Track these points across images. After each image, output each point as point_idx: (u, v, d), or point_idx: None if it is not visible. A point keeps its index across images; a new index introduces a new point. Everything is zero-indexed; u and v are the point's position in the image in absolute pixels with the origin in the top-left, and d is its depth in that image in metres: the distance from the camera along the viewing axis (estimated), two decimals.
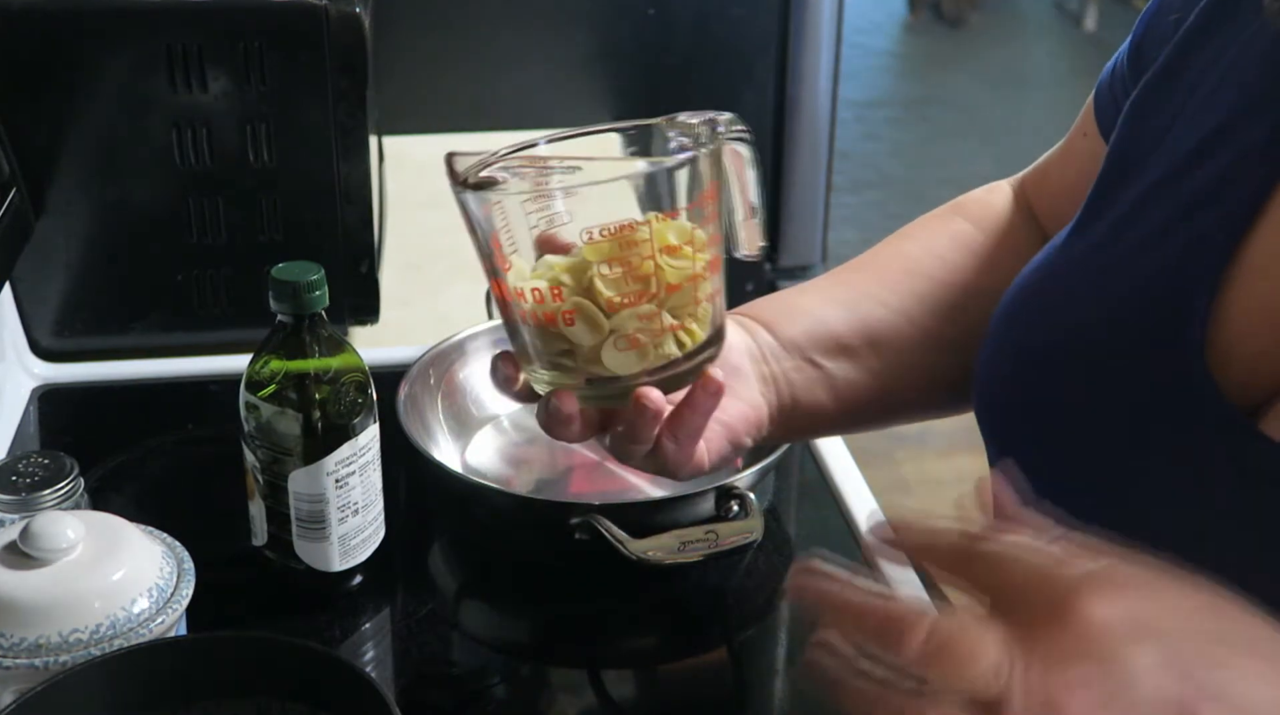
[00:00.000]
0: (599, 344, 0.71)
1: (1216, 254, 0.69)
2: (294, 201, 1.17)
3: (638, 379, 0.71)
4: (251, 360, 0.90)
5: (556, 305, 0.70)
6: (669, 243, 0.70)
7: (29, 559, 0.77)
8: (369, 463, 0.92)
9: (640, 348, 0.71)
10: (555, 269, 0.71)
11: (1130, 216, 0.75)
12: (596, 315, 0.70)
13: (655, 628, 0.99)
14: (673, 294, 0.70)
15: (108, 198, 1.16)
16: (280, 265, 0.89)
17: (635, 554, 0.90)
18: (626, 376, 0.71)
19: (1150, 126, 0.76)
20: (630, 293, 0.70)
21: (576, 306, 0.70)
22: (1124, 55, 0.85)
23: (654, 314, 0.70)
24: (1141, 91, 0.78)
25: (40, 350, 1.22)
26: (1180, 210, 0.72)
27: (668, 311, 0.71)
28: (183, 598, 0.80)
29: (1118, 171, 0.77)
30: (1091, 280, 0.75)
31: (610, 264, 0.69)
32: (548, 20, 1.89)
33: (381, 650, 0.94)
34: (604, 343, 0.70)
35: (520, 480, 1.06)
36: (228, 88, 1.12)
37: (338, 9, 1.11)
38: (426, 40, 1.85)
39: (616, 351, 0.71)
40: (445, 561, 1.03)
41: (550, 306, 0.70)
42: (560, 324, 0.70)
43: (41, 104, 1.12)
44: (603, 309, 0.70)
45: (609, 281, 0.69)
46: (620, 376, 0.71)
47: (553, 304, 0.70)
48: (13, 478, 0.88)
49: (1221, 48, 0.74)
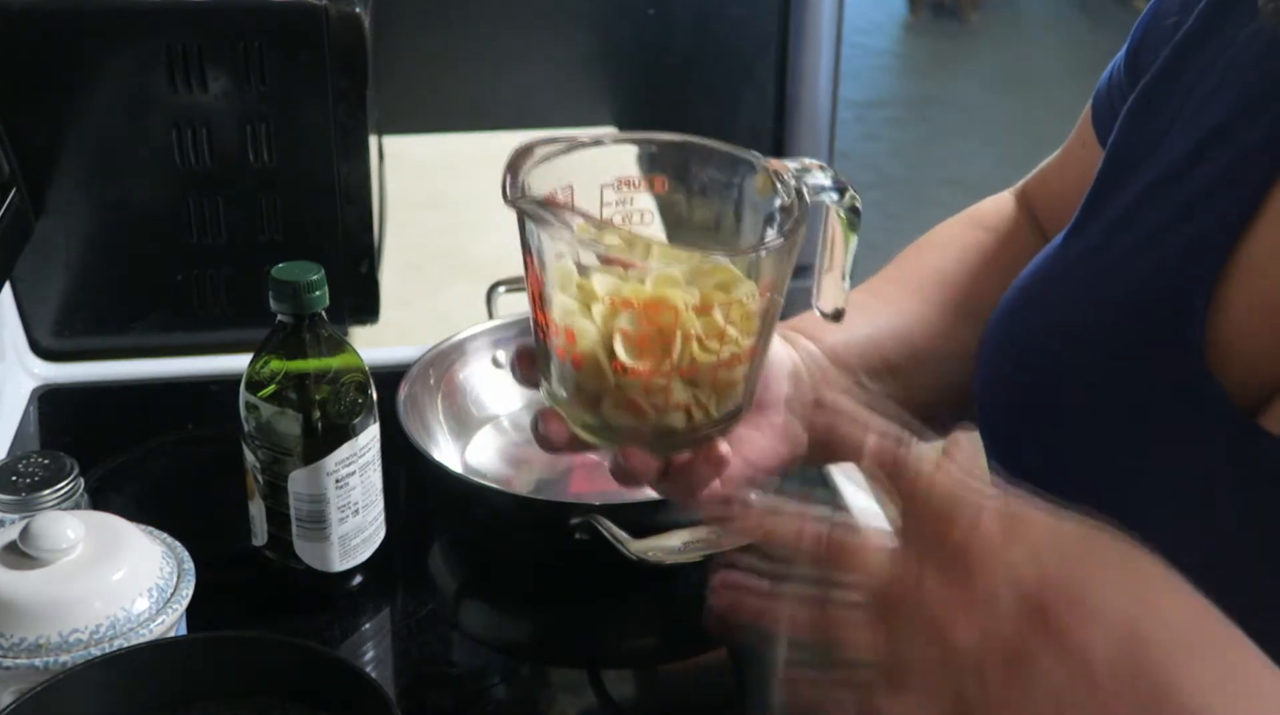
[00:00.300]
0: (599, 395, 0.66)
1: (1215, 253, 0.69)
2: (294, 201, 1.17)
3: (632, 441, 0.67)
4: (251, 360, 0.90)
5: (569, 345, 0.65)
6: (696, 332, 0.64)
7: (29, 559, 0.77)
8: (369, 463, 0.92)
9: (641, 414, 0.66)
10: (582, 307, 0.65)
11: (1127, 218, 0.75)
12: (604, 372, 0.65)
13: (655, 628, 0.99)
14: (691, 374, 0.65)
15: (108, 198, 1.16)
16: (280, 265, 0.89)
17: (635, 554, 0.90)
18: (620, 429, 0.67)
19: (1147, 129, 0.77)
20: (645, 363, 0.64)
21: (586, 355, 0.65)
22: (1121, 62, 0.86)
23: (664, 389, 0.65)
24: (1139, 95, 0.78)
25: (40, 350, 1.22)
26: (1178, 211, 0.72)
27: (681, 387, 0.65)
28: (183, 598, 0.80)
29: (1114, 174, 0.78)
30: (1089, 281, 0.76)
31: (634, 324, 0.64)
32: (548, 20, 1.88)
33: (381, 650, 0.94)
34: (606, 397, 0.66)
35: (520, 480, 1.06)
36: (228, 88, 1.12)
37: (338, 9, 1.11)
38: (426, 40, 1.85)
39: (613, 408, 0.66)
40: (445, 561, 1.03)
41: (565, 346, 0.65)
42: (568, 363, 0.66)
43: (41, 104, 1.12)
44: (612, 369, 0.65)
45: (628, 342, 0.64)
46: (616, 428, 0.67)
47: (566, 344, 0.65)
48: (13, 478, 0.88)
49: (1219, 51, 0.74)
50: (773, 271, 0.65)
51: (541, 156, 0.66)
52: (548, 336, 0.67)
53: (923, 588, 0.55)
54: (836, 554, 0.57)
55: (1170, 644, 0.52)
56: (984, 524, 0.54)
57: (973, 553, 0.54)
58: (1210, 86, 0.74)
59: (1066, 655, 0.52)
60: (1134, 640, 0.52)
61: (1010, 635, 0.53)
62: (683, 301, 0.64)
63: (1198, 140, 0.73)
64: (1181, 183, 0.73)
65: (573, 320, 0.65)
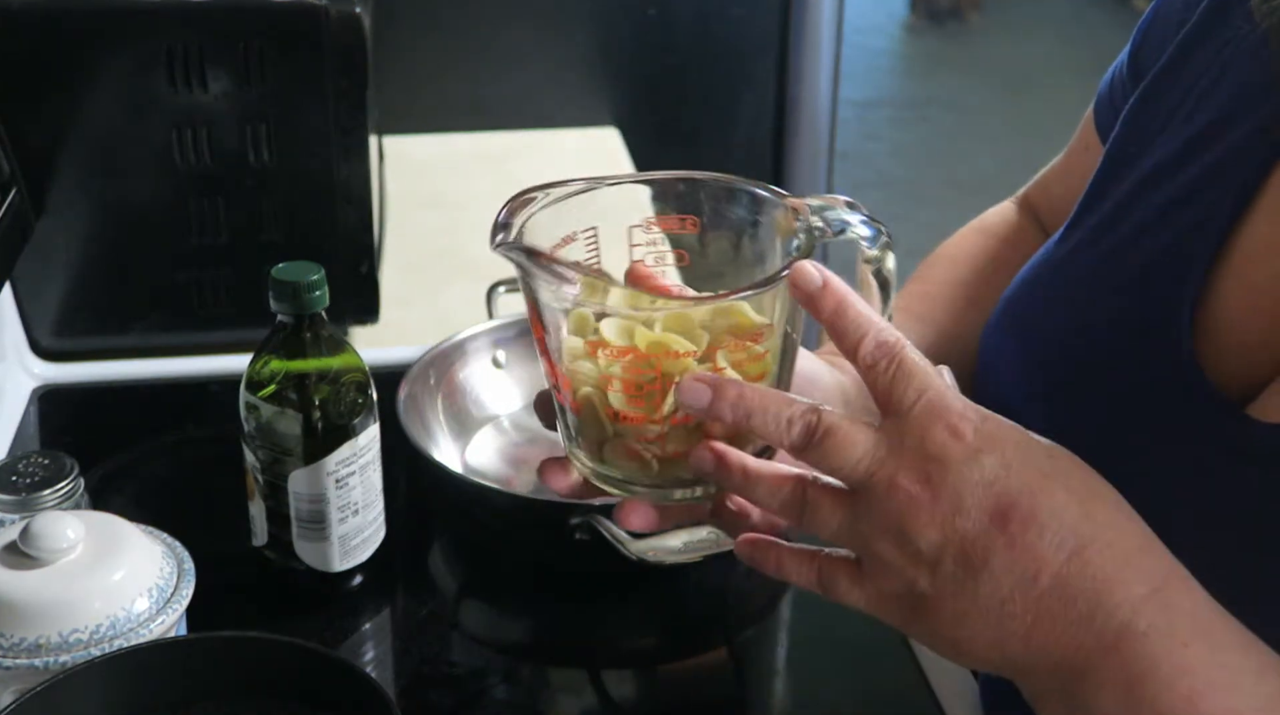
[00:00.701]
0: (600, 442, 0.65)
1: (1206, 245, 0.70)
2: (294, 201, 1.17)
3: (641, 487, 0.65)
4: (251, 360, 0.90)
5: (567, 392, 0.64)
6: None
7: (29, 559, 0.77)
8: (369, 463, 0.92)
9: (642, 462, 0.64)
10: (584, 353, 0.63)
11: (1121, 212, 0.76)
12: (600, 419, 0.64)
13: (655, 628, 0.99)
14: (691, 421, 0.63)
15: (108, 198, 1.16)
16: (280, 265, 0.89)
17: (635, 554, 0.90)
18: (629, 478, 0.65)
19: (1146, 126, 0.77)
20: (637, 410, 0.63)
21: (584, 402, 0.64)
22: (1123, 64, 0.86)
23: (661, 437, 0.63)
24: (1141, 93, 0.79)
25: (40, 350, 1.22)
26: (1171, 203, 0.73)
27: (682, 435, 0.63)
28: (183, 598, 0.80)
29: (1112, 171, 0.78)
30: (1084, 275, 0.76)
31: (626, 370, 0.62)
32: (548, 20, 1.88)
33: (381, 650, 0.94)
34: (607, 443, 0.65)
35: (520, 480, 1.06)
36: (228, 88, 1.12)
37: (338, 9, 1.11)
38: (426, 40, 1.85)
39: (616, 455, 0.65)
40: (445, 561, 1.03)
41: (564, 390, 0.64)
42: (569, 408, 0.65)
43: (41, 104, 1.12)
44: (607, 416, 0.63)
45: (623, 388, 0.62)
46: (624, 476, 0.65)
47: (566, 390, 0.64)
48: (13, 478, 0.88)
49: (1217, 49, 0.74)
50: (782, 309, 0.63)
51: (557, 197, 0.66)
52: (555, 382, 0.65)
53: (895, 483, 0.58)
54: (821, 440, 0.59)
55: (1110, 567, 0.56)
56: (963, 431, 0.57)
57: (949, 457, 0.57)
58: (1207, 84, 0.74)
59: (1019, 559, 0.56)
60: (1079, 559, 0.56)
61: (969, 536, 0.57)
62: (681, 347, 0.62)
63: (1192, 136, 0.73)
64: (1175, 177, 0.73)
65: (574, 365, 0.64)
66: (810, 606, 1.00)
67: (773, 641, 0.98)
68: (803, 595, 1.00)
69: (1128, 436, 0.71)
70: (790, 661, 0.96)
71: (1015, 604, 0.56)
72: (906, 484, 0.57)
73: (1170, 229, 0.72)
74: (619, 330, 0.63)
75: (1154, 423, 0.70)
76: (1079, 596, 0.56)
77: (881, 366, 0.59)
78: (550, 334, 0.64)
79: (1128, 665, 0.56)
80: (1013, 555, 0.56)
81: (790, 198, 0.65)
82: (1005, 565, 0.56)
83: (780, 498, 0.61)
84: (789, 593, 1.00)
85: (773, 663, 0.97)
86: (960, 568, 0.57)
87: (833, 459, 0.59)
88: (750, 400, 0.60)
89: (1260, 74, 0.71)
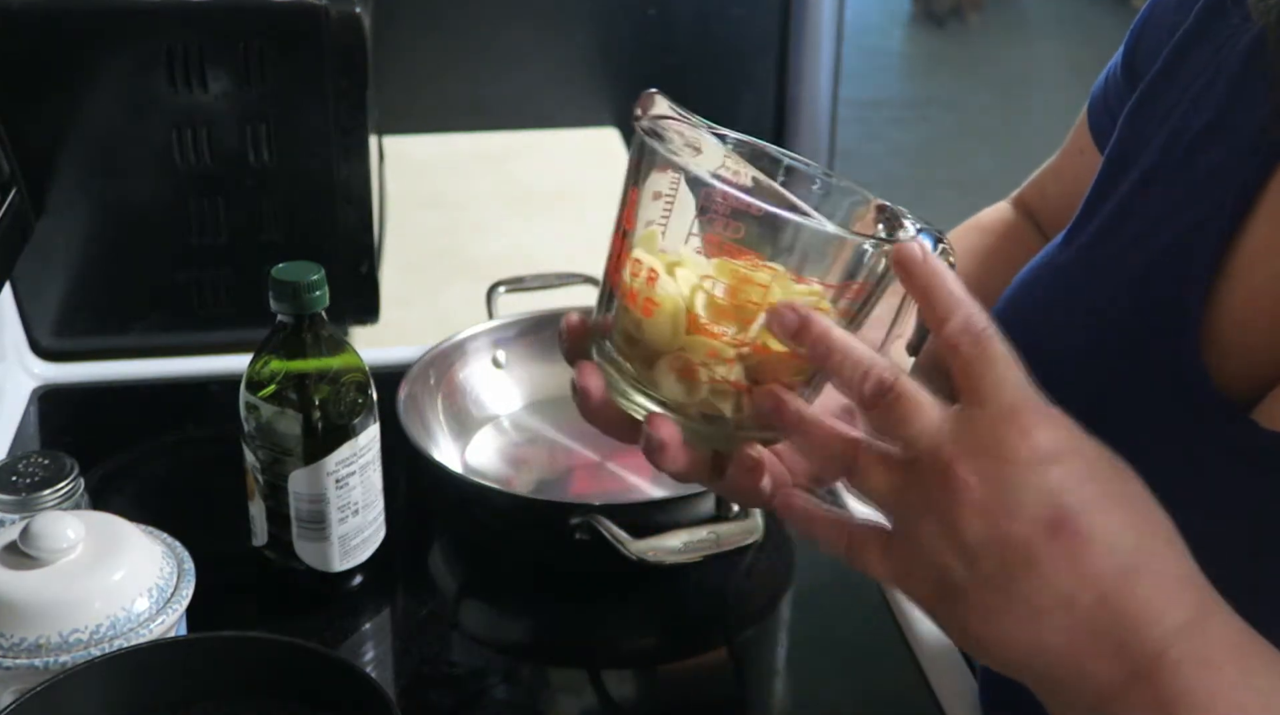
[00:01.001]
0: (658, 352, 0.63)
1: (1209, 248, 0.69)
2: (294, 201, 1.17)
3: (678, 410, 0.64)
4: (251, 360, 0.90)
5: (647, 287, 0.62)
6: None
7: (29, 559, 0.77)
8: (369, 463, 0.92)
9: (694, 384, 0.63)
10: (672, 257, 0.63)
11: (1123, 214, 0.76)
12: (675, 324, 0.62)
13: (655, 628, 0.99)
14: (759, 355, 0.62)
15: (108, 198, 1.16)
16: (280, 265, 0.89)
17: (635, 554, 0.90)
18: (666, 399, 0.64)
19: (1144, 128, 0.77)
20: (720, 327, 0.62)
21: (662, 302, 0.62)
22: (1117, 66, 0.86)
23: (729, 361, 0.62)
24: (1139, 96, 0.79)
25: (40, 350, 1.22)
26: (1172, 206, 0.72)
27: (744, 369, 0.62)
28: (183, 598, 0.80)
29: (1113, 173, 0.78)
30: (1086, 279, 0.76)
31: (723, 287, 0.61)
32: (548, 20, 1.88)
33: (381, 650, 0.94)
34: (666, 355, 0.63)
35: (520, 480, 1.06)
36: (228, 88, 1.12)
37: (338, 9, 1.12)
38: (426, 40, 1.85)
39: (668, 370, 0.63)
40: (445, 561, 1.03)
41: (643, 287, 0.62)
42: (637, 308, 0.63)
43: (41, 104, 1.12)
44: (685, 323, 0.62)
45: (709, 301, 0.62)
46: (660, 397, 0.64)
47: (645, 286, 0.62)
48: (13, 478, 0.88)
49: (1214, 49, 0.74)
50: (857, 274, 0.62)
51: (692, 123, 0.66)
52: (621, 277, 0.64)
53: (952, 468, 0.56)
54: (893, 402, 0.57)
55: (1153, 595, 0.55)
56: (1035, 435, 0.56)
57: (1015, 458, 0.55)
58: (1204, 83, 0.74)
59: (1065, 574, 0.55)
60: (1125, 583, 0.55)
61: (1016, 539, 0.55)
62: (777, 286, 0.61)
63: (1191, 137, 0.73)
64: (1175, 179, 0.73)
65: (659, 262, 0.63)
66: (810, 606, 1.00)
67: (773, 641, 0.98)
68: (803, 595, 1.00)
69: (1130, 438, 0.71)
70: (790, 661, 0.96)
71: (1055, 617, 0.55)
72: (964, 473, 0.55)
73: (1171, 231, 0.72)
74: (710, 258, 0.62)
75: (1157, 425, 0.70)
76: (1119, 621, 0.55)
77: (965, 348, 0.58)
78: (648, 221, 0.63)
79: (1160, 692, 0.55)
80: (1058, 568, 0.55)
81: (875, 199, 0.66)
82: (1049, 576, 0.55)
83: (830, 451, 0.60)
84: (789, 593, 1.00)
85: (773, 663, 0.97)
86: (1000, 568, 0.55)
87: (898, 423, 0.57)
88: (835, 339, 0.59)
89: (1258, 74, 0.71)
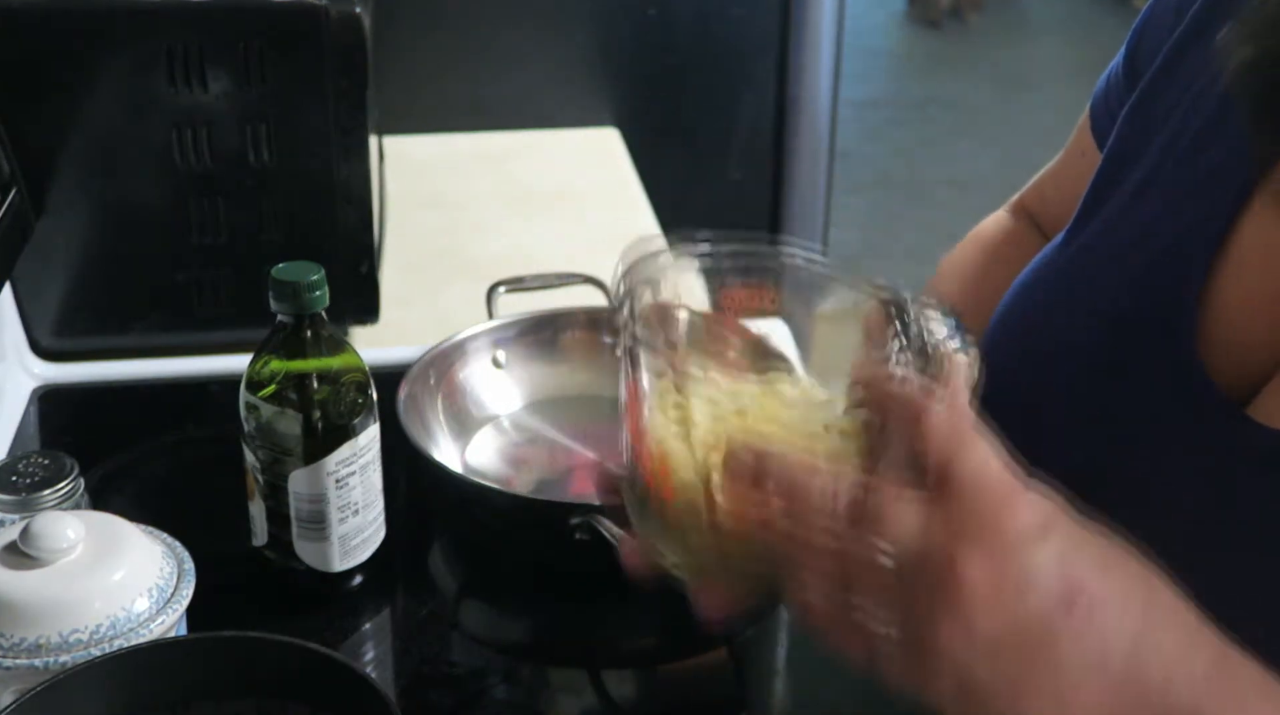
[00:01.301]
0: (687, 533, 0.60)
1: (1206, 247, 0.70)
2: (294, 201, 1.17)
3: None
4: (251, 360, 0.90)
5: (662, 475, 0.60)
6: None
7: (29, 559, 0.77)
8: (369, 463, 0.92)
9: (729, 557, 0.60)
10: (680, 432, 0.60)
11: (1121, 214, 0.76)
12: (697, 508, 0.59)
13: (655, 628, 0.99)
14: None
15: (108, 198, 1.16)
16: (280, 265, 0.89)
17: None
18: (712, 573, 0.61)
19: (1144, 128, 0.77)
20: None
21: (679, 488, 0.59)
22: (1118, 67, 0.86)
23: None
24: (1139, 95, 0.79)
25: (40, 350, 1.22)
26: (1170, 205, 0.73)
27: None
28: (183, 598, 0.80)
29: (1111, 174, 0.78)
30: (1085, 280, 0.76)
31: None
32: (548, 20, 1.88)
33: (381, 650, 0.95)
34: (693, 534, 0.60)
35: (520, 480, 1.06)
36: (228, 88, 1.12)
37: (338, 9, 1.12)
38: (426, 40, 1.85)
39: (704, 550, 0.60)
40: (445, 561, 1.03)
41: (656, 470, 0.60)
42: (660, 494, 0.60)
43: (41, 104, 1.12)
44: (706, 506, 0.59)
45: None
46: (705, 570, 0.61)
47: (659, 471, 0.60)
48: (13, 478, 0.88)
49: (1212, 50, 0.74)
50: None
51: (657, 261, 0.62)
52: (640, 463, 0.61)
53: (953, 565, 0.54)
54: (872, 519, 0.55)
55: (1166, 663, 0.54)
56: (1024, 514, 0.54)
57: (1012, 541, 0.54)
58: (1203, 84, 0.74)
59: (1096, 634, 0.53)
60: (1135, 651, 0.53)
61: (1036, 616, 0.53)
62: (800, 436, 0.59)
63: (1189, 137, 0.74)
64: (1172, 179, 0.73)
65: (667, 446, 0.60)
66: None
67: (773, 641, 0.98)
68: None
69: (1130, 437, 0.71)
70: (790, 661, 0.96)
71: (1088, 691, 0.54)
72: (964, 569, 0.53)
73: (1171, 230, 0.72)
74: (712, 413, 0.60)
75: (1156, 423, 0.70)
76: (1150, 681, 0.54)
77: (940, 437, 0.55)
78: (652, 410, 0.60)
79: None
80: (1081, 635, 0.53)
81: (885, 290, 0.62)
82: (1074, 647, 0.53)
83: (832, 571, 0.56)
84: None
85: (773, 663, 0.97)
86: (1024, 653, 0.53)
87: (884, 537, 0.54)
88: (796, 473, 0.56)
89: None
